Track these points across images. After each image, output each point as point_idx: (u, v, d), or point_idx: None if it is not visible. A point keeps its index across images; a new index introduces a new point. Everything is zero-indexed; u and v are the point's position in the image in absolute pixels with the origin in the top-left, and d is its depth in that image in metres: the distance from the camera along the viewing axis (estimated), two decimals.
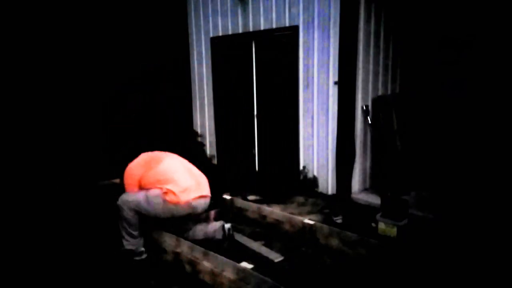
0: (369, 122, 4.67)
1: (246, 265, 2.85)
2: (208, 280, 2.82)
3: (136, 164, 3.42)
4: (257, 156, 5.68)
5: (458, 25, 4.83)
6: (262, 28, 5.23)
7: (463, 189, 4.34)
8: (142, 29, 5.81)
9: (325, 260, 3.21)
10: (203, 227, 3.47)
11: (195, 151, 6.31)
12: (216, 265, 2.80)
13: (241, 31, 5.50)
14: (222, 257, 2.82)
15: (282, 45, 5.06)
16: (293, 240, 3.56)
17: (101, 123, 5.53)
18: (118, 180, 4.54)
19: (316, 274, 3.02)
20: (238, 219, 4.01)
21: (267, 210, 3.94)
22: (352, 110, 4.28)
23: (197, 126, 6.58)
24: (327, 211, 4.32)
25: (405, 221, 3.56)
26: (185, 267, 3.02)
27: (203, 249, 2.97)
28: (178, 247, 3.13)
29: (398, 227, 3.51)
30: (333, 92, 4.59)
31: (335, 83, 4.53)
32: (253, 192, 4.95)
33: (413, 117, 4.95)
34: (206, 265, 2.85)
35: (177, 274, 3.01)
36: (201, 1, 6.04)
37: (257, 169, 5.71)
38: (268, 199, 4.71)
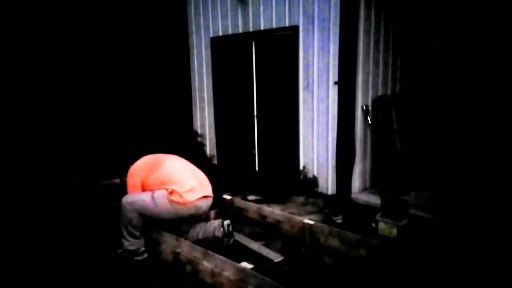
0: (369, 122, 4.67)
1: (246, 265, 2.86)
2: (208, 280, 2.82)
3: (138, 167, 3.40)
4: (257, 156, 5.68)
5: (458, 25, 4.83)
6: (262, 28, 5.23)
7: (463, 189, 4.35)
8: (142, 29, 5.82)
9: (325, 260, 3.21)
10: (203, 226, 3.47)
11: (195, 151, 6.32)
12: (216, 265, 2.80)
13: (241, 31, 5.51)
14: (222, 257, 2.82)
15: (282, 45, 5.06)
16: (293, 240, 3.56)
17: (101, 123, 5.53)
18: (118, 180, 4.56)
19: (316, 274, 3.02)
20: (238, 219, 4.00)
21: (267, 210, 3.94)
22: (352, 110, 4.28)
23: (197, 126, 6.59)
24: (327, 211, 4.32)
25: (405, 221, 3.57)
26: (185, 267, 3.02)
27: (203, 249, 2.97)
28: (178, 247, 3.13)
29: (398, 227, 3.52)
30: (333, 92, 4.58)
31: (335, 83, 4.53)
32: (253, 192, 4.96)
33: (413, 117, 4.95)
34: (206, 265, 2.85)
35: (177, 274, 3.01)
36: (201, 1, 6.04)
37: (257, 169, 5.71)
38: (268, 199, 4.71)
